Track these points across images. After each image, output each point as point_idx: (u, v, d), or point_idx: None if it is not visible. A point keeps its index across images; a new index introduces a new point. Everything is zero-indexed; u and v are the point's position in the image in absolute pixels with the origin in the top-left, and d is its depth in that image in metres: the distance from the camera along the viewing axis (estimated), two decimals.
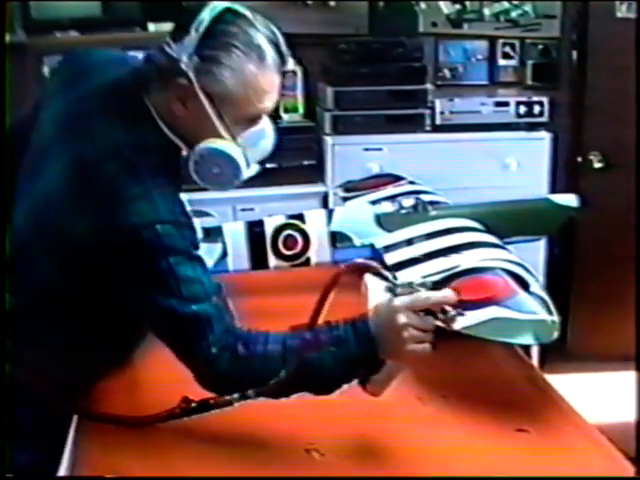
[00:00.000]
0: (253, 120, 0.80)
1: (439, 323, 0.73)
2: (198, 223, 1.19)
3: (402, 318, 0.72)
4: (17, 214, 0.82)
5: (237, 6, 0.78)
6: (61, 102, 0.83)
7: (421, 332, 0.73)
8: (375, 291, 1.06)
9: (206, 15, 0.76)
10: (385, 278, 0.76)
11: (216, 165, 0.79)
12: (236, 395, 0.76)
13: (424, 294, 0.74)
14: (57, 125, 0.82)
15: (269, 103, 0.80)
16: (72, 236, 0.75)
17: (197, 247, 0.78)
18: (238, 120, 0.79)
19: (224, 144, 0.79)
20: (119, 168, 0.75)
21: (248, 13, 0.78)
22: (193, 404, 0.78)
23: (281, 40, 0.79)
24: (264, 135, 0.83)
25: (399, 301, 0.73)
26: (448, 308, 0.73)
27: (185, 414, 0.79)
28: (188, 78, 0.76)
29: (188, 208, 0.80)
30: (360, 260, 0.80)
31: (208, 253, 1.16)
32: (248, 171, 0.82)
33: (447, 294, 0.75)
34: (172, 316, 0.75)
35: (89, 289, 0.78)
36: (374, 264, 0.79)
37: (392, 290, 0.75)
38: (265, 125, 0.83)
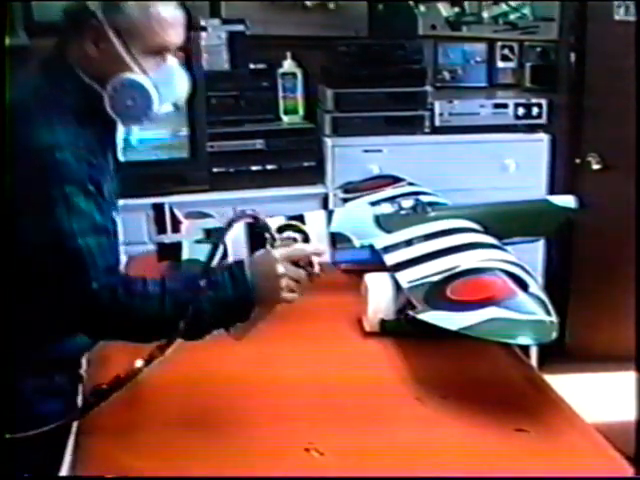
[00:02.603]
0: (160, 53, 0.84)
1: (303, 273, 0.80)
2: (199, 224, 1.21)
3: (280, 268, 0.79)
4: None
5: None
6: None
7: (294, 282, 0.79)
8: (375, 291, 1.07)
9: None
10: (267, 230, 0.81)
11: (129, 97, 0.82)
12: (140, 363, 0.77)
13: (300, 246, 0.81)
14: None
15: (174, 36, 0.84)
16: None
17: (98, 185, 0.79)
18: (146, 52, 0.82)
19: (135, 75, 0.82)
20: (29, 101, 0.79)
21: None
22: (104, 386, 0.78)
23: None
24: (174, 73, 0.87)
25: (278, 252, 0.80)
26: (315, 261, 0.80)
27: (100, 399, 0.78)
28: (97, 18, 0.81)
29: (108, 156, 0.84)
30: (249, 212, 0.84)
31: (208, 254, 1.17)
32: (163, 107, 0.85)
33: (319, 246, 0.83)
34: (56, 246, 0.75)
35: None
36: (258, 215, 0.84)
37: (271, 243, 0.81)
38: (174, 64, 0.86)
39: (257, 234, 1.18)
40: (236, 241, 1.17)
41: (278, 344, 0.97)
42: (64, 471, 0.80)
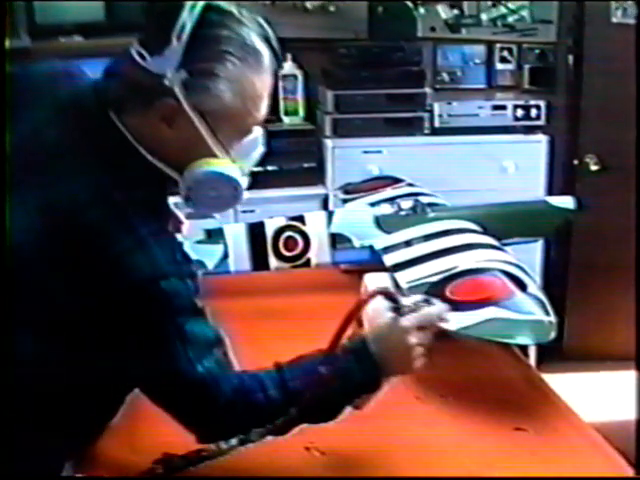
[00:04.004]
0: (248, 131, 0.71)
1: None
2: (200, 225, 1.21)
3: (413, 339, 0.72)
4: None
5: (219, 2, 0.66)
6: (12, 136, 0.68)
7: (424, 348, 0.73)
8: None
9: (187, 18, 0.64)
10: (394, 300, 0.74)
11: (213, 188, 0.69)
12: (234, 441, 0.72)
13: (426, 312, 0.73)
14: (14, 164, 0.67)
15: (265, 109, 0.71)
16: (57, 301, 0.64)
17: (198, 291, 0.68)
18: (233, 134, 0.70)
19: (221, 165, 0.69)
20: (105, 215, 0.63)
21: (234, 9, 0.67)
22: (176, 459, 0.73)
23: (272, 35, 0.69)
24: (257, 144, 0.74)
25: (407, 321, 0.72)
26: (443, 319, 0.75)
27: (169, 472, 0.73)
28: (175, 97, 0.65)
29: (185, 248, 0.72)
30: (379, 289, 0.76)
31: (209, 254, 1.18)
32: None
33: (443, 307, 0.75)
34: (177, 380, 0.67)
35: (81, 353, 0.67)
36: (391, 291, 0.77)
37: (398, 310, 0.73)
38: (258, 134, 0.74)
39: (257, 235, 1.19)
40: (236, 242, 1.18)
41: (278, 344, 0.97)
42: (64, 471, 0.80)
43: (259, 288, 1.20)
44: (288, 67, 1.96)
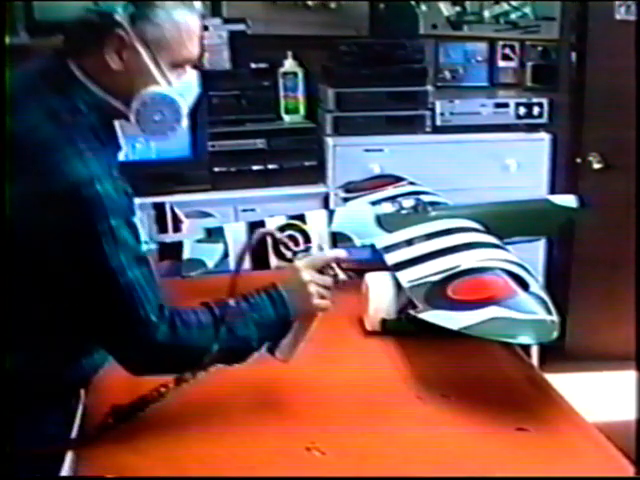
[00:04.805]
0: (183, 66, 0.82)
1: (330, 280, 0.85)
2: (201, 224, 1.21)
3: (306, 275, 0.83)
4: None
5: None
6: None
7: (322, 288, 0.84)
8: (376, 290, 1.08)
9: None
10: (286, 247, 0.87)
11: (158, 111, 0.80)
12: (171, 384, 0.78)
13: (319, 253, 0.88)
14: None
15: (197, 48, 0.82)
16: (13, 208, 0.71)
17: (134, 214, 0.79)
18: (172, 65, 0.80)
19: (164, 89, 0.80)
20: (52, 131, 0.74)
21: None
22: (125, 407, 0.78)
23: None
24: (192, 83, 0.85)
25: (300, 262, 0.85)
26: (336, 267, 0.86)
27: (120, 421, 0.79)
28: (123, 28, 0.77)
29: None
30: (263, 229, 0.89)
31: (210, 253, 1.18)
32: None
33: (338, 251, 0.88)
34: (109, 282, 0.73)
35: (41, 265, 0.73)
36: (273, 230, 0.92)
37: (293, 257, 0.87)
38: (193, 75, 0.85)
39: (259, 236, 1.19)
40: (237, 240, 1.18)
41: None
42: (64, 471, 0.80)
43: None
44: (289, 64, 1.96)
